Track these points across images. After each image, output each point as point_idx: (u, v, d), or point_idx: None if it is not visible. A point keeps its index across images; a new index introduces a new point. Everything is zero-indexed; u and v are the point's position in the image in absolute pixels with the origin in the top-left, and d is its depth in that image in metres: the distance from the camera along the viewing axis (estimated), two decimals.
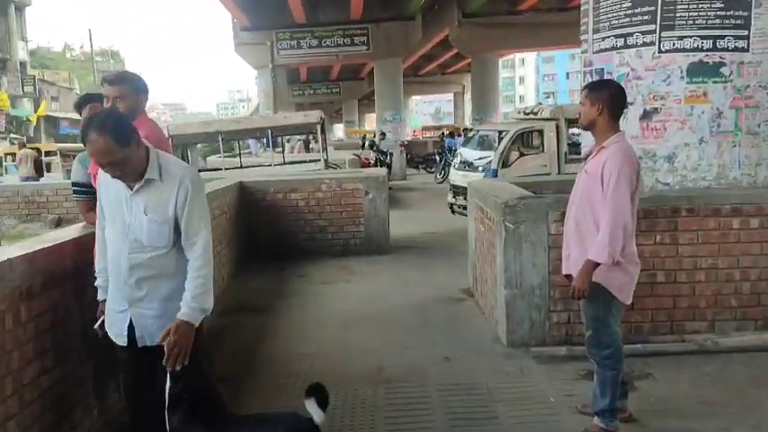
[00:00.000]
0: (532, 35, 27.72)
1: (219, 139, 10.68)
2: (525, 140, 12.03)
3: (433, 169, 23.59)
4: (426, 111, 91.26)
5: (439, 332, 5.30)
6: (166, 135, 10.56)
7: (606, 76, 5.25)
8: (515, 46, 29.26)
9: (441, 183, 19.38)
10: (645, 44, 4.99)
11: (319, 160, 10.85)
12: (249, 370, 4.72)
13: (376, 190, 8.42)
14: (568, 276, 3.65)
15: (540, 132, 11.38)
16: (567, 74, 79.10)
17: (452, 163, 13.20)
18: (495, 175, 10.95)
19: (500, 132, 11.53)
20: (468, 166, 11.56)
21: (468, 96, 49.84)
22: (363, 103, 49.84)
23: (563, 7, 26.44)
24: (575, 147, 12.32)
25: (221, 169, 11.06)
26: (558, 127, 11.27)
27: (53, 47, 51.56)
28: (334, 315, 5.86)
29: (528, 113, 12.04)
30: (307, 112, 11.63)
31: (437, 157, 23.25)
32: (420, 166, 24.64)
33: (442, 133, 31.40)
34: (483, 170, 11.17)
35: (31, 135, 32.92)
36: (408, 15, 25.95)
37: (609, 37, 5.23)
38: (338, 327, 5.53)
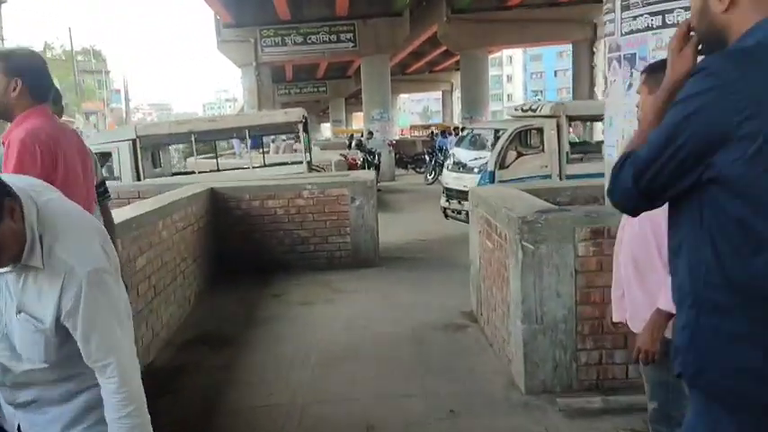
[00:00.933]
0: (522, 31, 26.91)
1: (192, 139, 9.68)
2: (524, 139, 11.10)
3: (422, 169, 22.65)
4: (414, 110, 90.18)
5: (440, 373, 4.32)
6: (134, 135, 9.54)
7: (639, 63, 4.32)
8: (505, 42, 28.41)
9: (431, 184, 18.45)
10: None
11: (302, 162, 9.84)
12: (206, 425, 3.75)
13: (363, 196, 7.45)
14: (618, 324, 2.71)
15: (540, 131, 10.46)
16: (555, 72, 78.44)
17: (445, 164, 12.26)
18: (491, 177, 10.04)
19: (497, 131, 10.59)
20: (461, 167, 10.62)
21: (456, 95, 49.04)
22: (350, 101, 48.82)
23: (553, 2, 25.62)
24: (577, 146, 11.42)
25: (194, 172, 10.03)
26: (558, 125, 10.35)
27: (33, 46, 49.84)
28: (312, 349, 4.87)
29: (526, 110, 11.11)
30: (287, 110, 10.61)
31: (427, 157, 22.32)
32: (409, 167, 23.67)
33: (432, 132, 30.49)
34: (479, 171, 10.24)
35: None
36: (396, 11, 25.06)
37: (642, 15, 4.29)
38: (317, 366, 4.54)
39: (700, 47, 1.63)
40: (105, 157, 9.92)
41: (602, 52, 29.82)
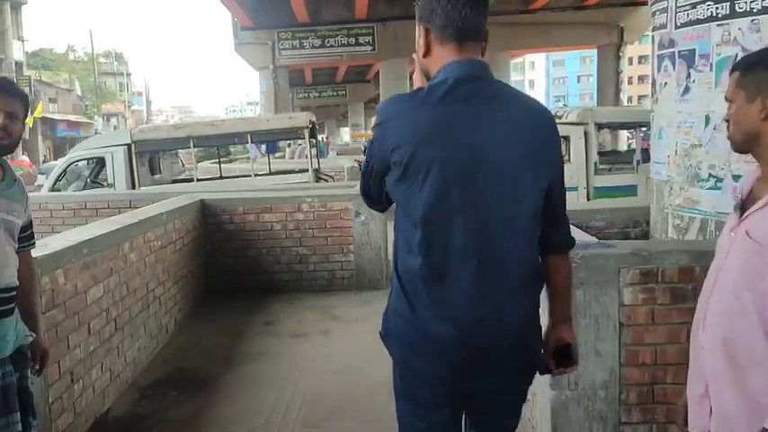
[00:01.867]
0: (546, 35, 26.00)
1: (191, 145, 8.95)
2: None
3: None
4: None
5: None
6: (129, 140, 8.84)
7: (699, 62, 3.47)
8: (528, 46, 27.50)
9: None
10: (765, 9, 3.19)
11: (308, 170, 9.06)
12: None
13: (369, 211, 6.63)
14: None
15: (566, 139, 9.58)
16: (578, 77, 77.04)
17: None
18: None
19: None
20: None
21: None
22: (370, 106, 48.09)
23: (578, 6, 24.68)
24: (606, 156, 10.51)
25: (192, 180, 9.29)
26: (586, 132, 9.48)
27: (56, 48, 50.10)
28: (295, 401, 4.04)
29: None
30: (293, 114, 9.86)
31: None
32: None
33: None
34: None
35: (27, 137, 31.39)
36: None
37: (704, 2, 3.44)
38: (298, 425, 3.74)
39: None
40: (99, 163, 9.24)
41: (627, 57, 28.74)
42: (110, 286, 4.14)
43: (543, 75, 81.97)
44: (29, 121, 31.28)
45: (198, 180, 9.19)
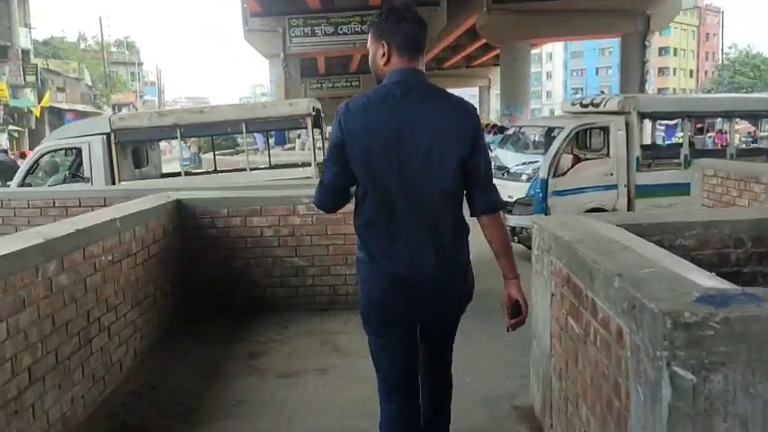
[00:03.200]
0: (567, 23, 24.64)
1: (178, 134, 7.81)
2: (582, 141, 9.01)
3: None
4: None
5: None
6: (108, 128, 7.70)
7: None
8: (549, 34, 26.14)
9: None
10: None
11: (309, 164, 7.88)
12: None
13: None
14: None
15: (605, 130, 8.33)
16: (597, 69, 75.08)
17: None
18: (544, 186, 7.97)
19: (550, 130, 8.49)
20: (505, 172, 8.53)
21: (495, 91, 46.71)
22: None
23: None
24: (650, 149, 9.25)
25: (180, 174, 8.14)
26: (628, 123, 8.23)
27: (67, 37, 49.05)
28: None
29: (586, 105, 8.96)
30: (293, 100, 8.68)
31: None
32: None
33: None
34: (528, 179, 8.17)
35: (33, 127, 30.44)
36: (433, 0, 23.09)
37: None
38: None
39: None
40: (79, 154, 8.11)
41: (654, 46, 27.28)
42: (19, 325, 2.99)
43: (561, 66, 79.96)
44: (35, 110, 30.28)
45: (187, 174, 8.03)
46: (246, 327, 5.07)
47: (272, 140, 22.60)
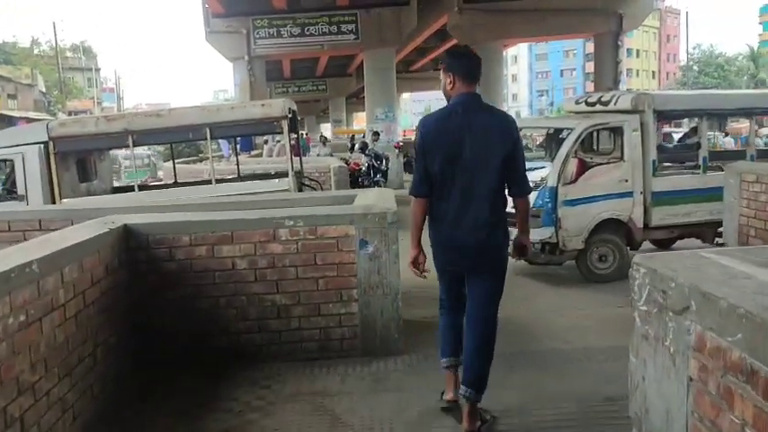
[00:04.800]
0: (540, 23, 23.87)
1: (130, 141, 6.57)
2: (593, 143, 8.04)
3: None
4: (416, 110, 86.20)
5: None
6: (45, 136, 6.42)
7: None
8: (521, 34, 25.30)
9: None
10: None
11: (286, 175, 6.71)
12: None
13: (381, 237, 4.34)
14: None
15: (618, 131, 7.37)
16: (561, 71, 75.00)
17: None
18: (553, 195, 6.97)
19: (557, 131, 7.50)
20: None
21: None
22: (351, 101, 45.71)
23: None
24: (667, 152, 8.30)
25: (133, 188, 6.89)
26: (643, 123, 7.27)
27: (19, 42, 46.51)
28: None
29: (593, 103, 7.97)
30: (266, 101, 7.47)
31: None
32: None
33: None
34: (534, 188, 7.15)
35: None
36: (402, 0, 22.07)
37: None
38: None
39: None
40: (8, 167, 6.81)
41: (633, 44, 26.82)
42: None
43: (526, 69, 79.75)
44: None
45: (141, 188, 6.80)
46: (217, 389, 3.90)
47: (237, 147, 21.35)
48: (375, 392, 3.82)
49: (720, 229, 7.77)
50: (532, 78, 78.69)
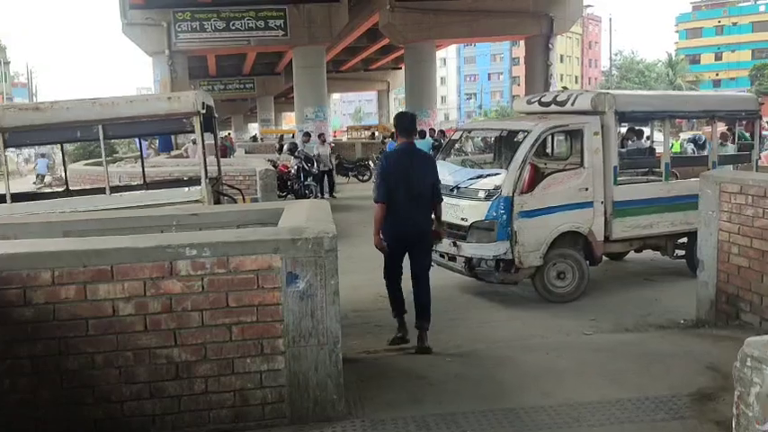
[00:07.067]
0: (473, 24, 23.36)
1: (1, 141, 5.21)
2: (546, 147, 7.22)
3: (366, 177, 18.59)
4: (346, 111, 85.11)
5: None
6: None
7: None
8: (454, 35, 24.67)
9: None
10: None
11: (198, 182, 5.52)
12: None
13: (315, 269, 3.27)
14: None
15: (577, 134, 6.57)
16: (489, 74, 75.49)
17: None
18: (508, 206, 6.11)
19: (512, 134, 6.64)
20: (454, 190, 6.53)
21: (393, 95, 45.27)
22: (280, 100, 44.21)
23: None
24: (630, 157, 7.55)
25: (5, 200, 5.52)
26: (604, 125, 6.50)
27: None
28: None
29: (547, 103, 7.14)
30: (175, 94, 6.19)
31: (372, 164, 18.35)
32: (350, 174, 19.40)
33: (373, 134, 26.38)
34: (487, 197, 6.25)
35: None
36: None
37: None
38: None
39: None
40: None
41: (557, 49, 26.62)
42: None
43: (455, 71, 79.92)
44: None
45: (13, 200, 5.44)
46: None
47: (151, 145, 19.65)
48: None
49: (680, 241, 7.14)
50: (461, 81, 79.00)
